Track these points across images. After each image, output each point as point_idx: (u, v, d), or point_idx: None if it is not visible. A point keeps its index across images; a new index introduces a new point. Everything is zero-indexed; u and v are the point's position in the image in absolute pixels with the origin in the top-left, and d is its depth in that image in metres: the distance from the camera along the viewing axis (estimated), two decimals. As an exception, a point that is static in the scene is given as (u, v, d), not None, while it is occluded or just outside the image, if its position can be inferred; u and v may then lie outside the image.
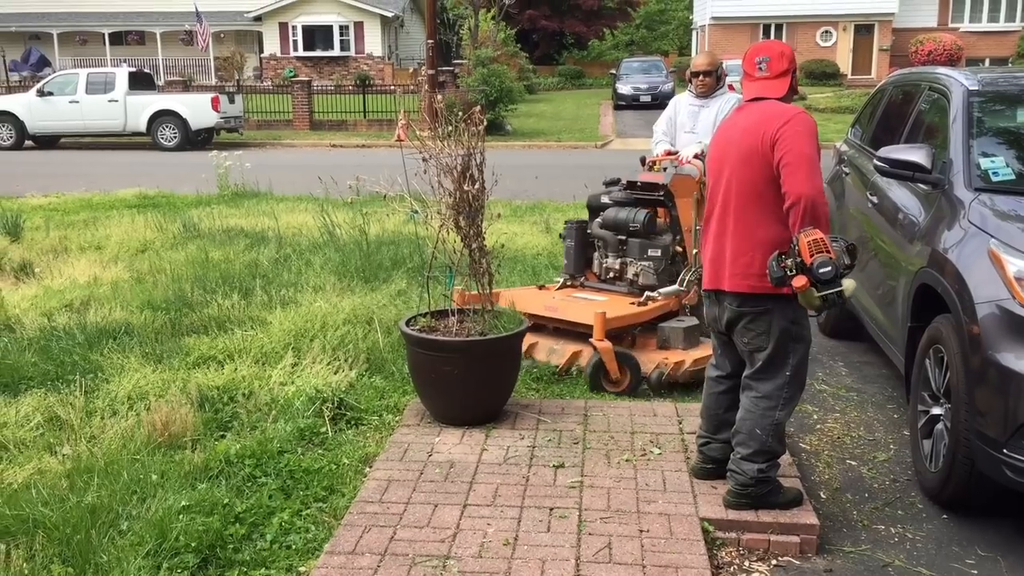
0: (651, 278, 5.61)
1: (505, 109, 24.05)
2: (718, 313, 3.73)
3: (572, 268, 5.98)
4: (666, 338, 5.37)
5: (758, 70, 3.64)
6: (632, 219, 5.65)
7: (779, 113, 3.49)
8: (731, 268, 3.56)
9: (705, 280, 3.76)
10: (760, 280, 3.48)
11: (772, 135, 3.43)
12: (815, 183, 3.36)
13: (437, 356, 4.49)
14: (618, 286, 5.73)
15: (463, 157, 4.63)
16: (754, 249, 3.49)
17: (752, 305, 3.56)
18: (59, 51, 39.55)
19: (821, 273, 3.20)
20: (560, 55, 46.87)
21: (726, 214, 3.61)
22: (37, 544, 3.27)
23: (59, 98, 21.96)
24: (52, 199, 12.74)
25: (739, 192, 3.55)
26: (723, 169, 3.63)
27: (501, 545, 3.38)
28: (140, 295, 6.89)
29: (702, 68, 6.02)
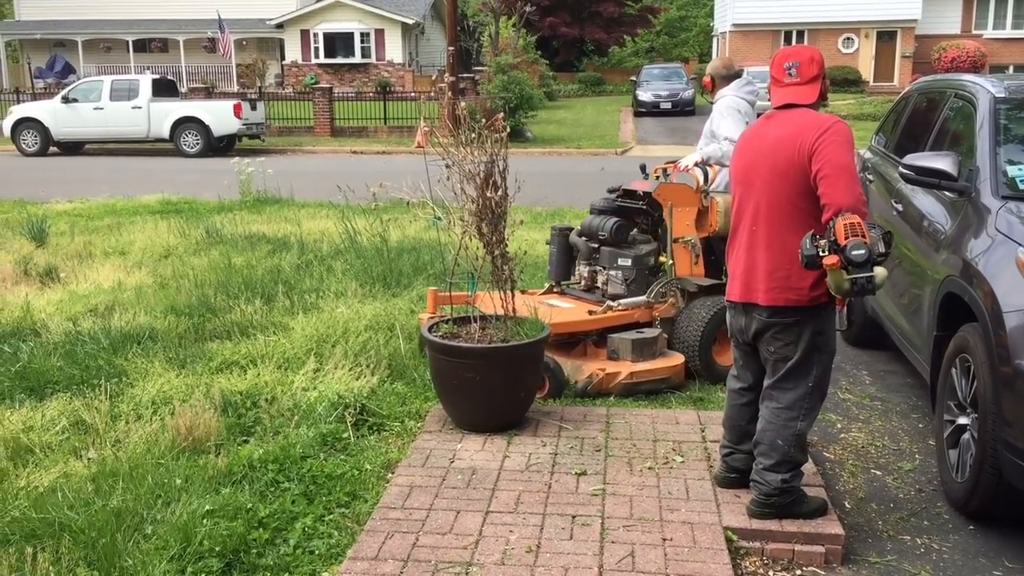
0: (619, 288, 5.52)
1: (525, 116, 24.07)
2: (745, 324, 3.67)
3: (555, 274, 5.98)
4: (614, 349, 5.28)
5: (787, 75, 3.55)
6: (601, 227, 5.60)
7: (815, 123, 3.42)
8: (767, 282, 3.50)
9: (734, 292, 3.68)
10: (796, 293, 3.45)
11: (810, 146, 3.36)
12: (856, 192, 3.31)
13: (459, 362, 4.49)
14: (594, 294, 5.69)
15: (486, 164, 4.64)
16: (791, 263, 3.41)
17: (784, 316, 3.51)
18: (83, 58, 39.96)
19: (854, 255, 3.13)
20: (580, 62, 46.89)
21: (757, 226, 3.54)
22: (63, 547, 3.30)
23: (83, 105, 22.17)
24: (77, 204, 12.85)
25: (773, 204, 3.48)
26: (753, 180, 3.55)
27: (524, 552, 3.37)
28: (164, 300, 6.94)
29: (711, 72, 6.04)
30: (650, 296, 5.48)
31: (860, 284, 3.18)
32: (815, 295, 3.45)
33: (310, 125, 26.64)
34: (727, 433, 3.91)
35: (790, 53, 3.60)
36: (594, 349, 5.42)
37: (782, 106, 3.56)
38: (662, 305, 5.49)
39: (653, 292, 5.48)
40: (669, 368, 5.21)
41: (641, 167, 6.10)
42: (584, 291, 5.78)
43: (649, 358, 5.23)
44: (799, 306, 3.47)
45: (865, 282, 3.17)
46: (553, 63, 43.12)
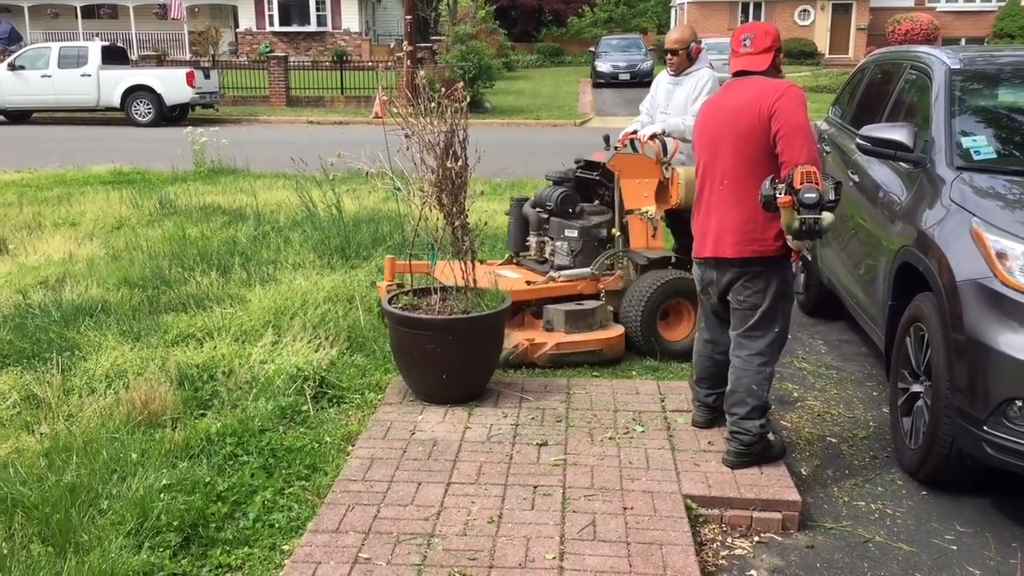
0: (564, 259, 5.48)
1: (484, 86, 23.92)
2: (716, 278, 3.93)
3: (512, 245, 5.97)
4: (548, 319, 5.26)
5: (743, 46, 3.87)
6: (548, 198, 5.58)
7: (772, 87, 3.72)
8: (735, 236, 3.78)
9: (705, 249, 3.92)
10: (761, 244, 3.75)
11: (769, 109, 3.65)
12: (811, 149, 3.62)
13: (419, 334, 4.47)
14: (543, 265, 5.66)
15: (446, 134, 4.60)
16: (756, 217, 3.71)
17: (752, 266, 3.80)
18: (30, 24, 38.88)
19: (806, 198, 3.45)
20: (539, 32, 46.66)
21: (724, 186, 3.81)
22: (15, 523, 3.24)
23: (31, 72, 21.59)
24: (25, 175, 12.55)
25: (738, 164, 3.76)
26: (718, 145, 3.82)
27: (486, 523, 3.37)
28: (116, 272, 6.81)
29: (670, 46, 5.81)
30: (595, 268, 5.42)
31: (808, 224, 3.47)
32: (778, 245, 3.74)
33: (265, 95, 26.23)
34: (706, 383, 4.19)
35: (747, 27, 3.96)
36: (532, 319, 5.40)
37: (736, 73, 3.89)
38: (608, 277, 5.45)
39: (598, 264, 5.43)
40: (601, 340, 5.15)
41: (605, 138, 6.02)
42: (538, 262, 5.74)
43: (585, 330, 5.17)
44: (764, 256, 3.78)
45: (812, 223, 3.47)
46: (511, 33, 42.82)
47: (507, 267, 5.83)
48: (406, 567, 3.08)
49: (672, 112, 5.86)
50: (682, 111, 5.79)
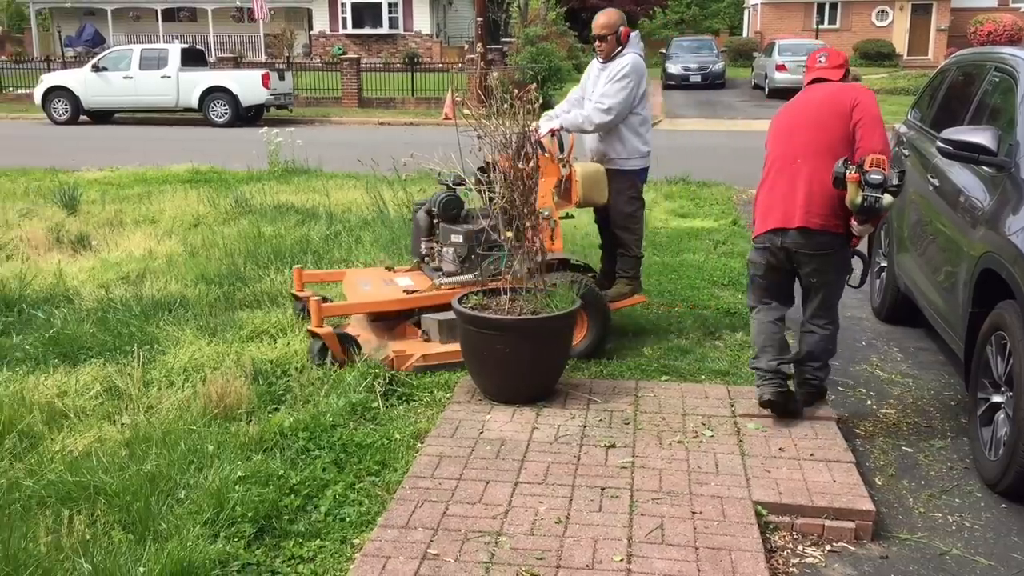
0: (451, 265, 5.29)
1: (553, 88, 23.92)
2: (781, 248, 4.29)
3: (414, 251, 5.79)
4: (425, 330, 5.13)
5: (818, 62, 4.46)
6: (434, 201, 5.41)
7: (851, 86, 4.32)
8: (804, 209, 4.17)
9: (773, 220, 4.27)
10: (829, 220, 4.16)
11: (851, 101, 4.18)
12: (886, 141, 4.14)
13: (488, 334, 4.50)
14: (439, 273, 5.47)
15: (517, 135, 4.62)
16: (825, 193, 4.12)
17: (820, 244, 4.21)
18: (113, 27, 40.07)
19: (871, 178, 3.92)
20: (609, 34, 46.42)
21: (795, 166, 4.24)
22: (98, 510, 3.34)
23: (113, 74, 22.25)
24: (107, 173, 12.94)
25: (815, 149, 4.19)
26: (793, 131, 4.32)
27: (553, 523, 3.38)
28: (194, 269, 6.99)
29: (597, 32, 5.53)
30: (479, 274, 5.16)
31: (869, 202, 3.93)
32: (841, 223, 4.19)
33: (338, 96, 26.62)
34: (771, 350, 4.43)
35: (821, 49, 4.56)
36: (413, 329, 5.26)
37: (812, 81, 4.41)
38: (496, 282, 5.02)
39: (483, 269, 5.15)
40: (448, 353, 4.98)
41: None
42: (435, 269, 5.48)
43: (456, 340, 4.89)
44: (828, 231, 4.19)
45: (874, 201, 3.92)
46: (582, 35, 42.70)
47: (408, 273, 5.65)
48: (474, 564, 3.11)
49: (593, 99, 5.51)
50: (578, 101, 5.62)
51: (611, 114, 5.34)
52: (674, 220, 9.59)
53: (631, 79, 5.39)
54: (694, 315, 6.11)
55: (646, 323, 5.90)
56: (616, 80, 5.36)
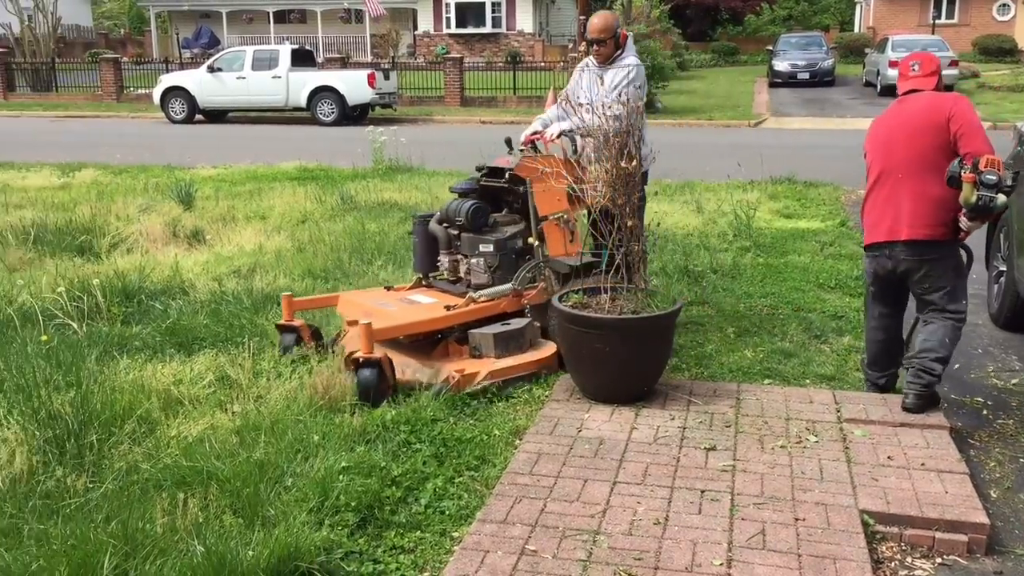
0: (482, 276, 5.04)
1: (656, 86, 23.70)
2: (891, 265, 4.39)
3: (420, 266, 5.45)
4: (476, 345, 4.81)
5: (911, 71, 4.49)
6: (458, 211, 5.09)
7: (945, 97, 4.34)
8: (910, 219, 4.27)
9: (879, 234, 4.38)
10: (935, 229, 4.24)
11: (947, 113, 4.22)
12: (989, 143, 4.16)
13: (588, 333, 4.49)
14: (461, 286, 5.20)
15: (621, 133, 4.60)
16: (929, 204, 4.23)
17: (930, 252, 4.29)
18: (227, 29, 41.47)
19: (986, 178, 3.97)
20: (714, 31, 45.79)
21: (898, 179, 4.32)
22: (210, 494, 3.47)
23: (227, 74, 23.03)
24: (220, 170, 13.41)
25: (911, 161, 4.28)
26: (892, 146, 4.37)
27: (651, 524, 3.36)
28: (301, 263, 7.19)
29: (595, 35, 5.36)
30: (516, 283, 4.99)
31: (984, 201, 3.98)
32: (948, 230, 4.26)
33: (440, 95, 26.96)
34: (879, 365, 4.63)
35: (913, 56, 4.60)
36: (457, 347, 4.94)
37: (907, 92, 4.46)
38: (531, 291, 5.02)
39: (519, 278, 5.00)
40: (535, 362, 4.81)
41: (506, 141, 5.45)
42: (451, 283, 5.27)
43: (516, 352, 4.79)
44: (935, 239, 4.26)
45: (988, 200, 3.97)
46: (686, 32, 42.21)
47: (417, 291, 5.32)
48: (572, 562, 3.11)
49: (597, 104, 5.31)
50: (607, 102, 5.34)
51: (619, 121, 5.15)
52: (779, 220, 9.40)
53: (639, 84, 5.31)
54: (799, 318, 5.97)
55: (749, 325, 5.80)
56: (624, 86, 5.24)
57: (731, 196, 10.18)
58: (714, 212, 9.55)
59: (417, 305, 5.02)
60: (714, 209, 9.67)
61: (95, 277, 6.23)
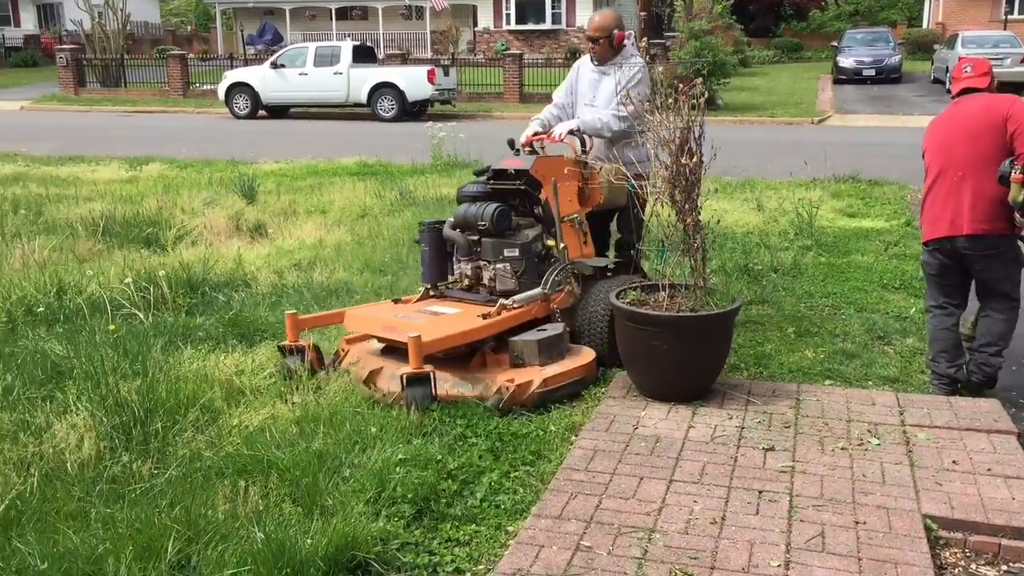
0: (509, 283, 4.86)
1: (717, 83, 23.43)
2: (952, 255, 4.56)
3: (430, 276, 5.18)
4: (518, 353, 4.58)
5: (964, 73, 4.67)
6: (481, 215, 4.86)
7: (1002, 98, 4.50)
8: (971, 218, 4.43)
9: (938, 230, 4.54)
10: (994, 224, 4.41)
11: (1004, 113, 4.39)
12: None
13: (646, 330, 4.47)
14: (479, 294, 5.01)
15: (682, 130, 4.56)
16: (988, 201, 4.39)
17: (989, 246, 4.46)
18: (290, 26, 42.01)
19: None
20: (777, 27, 45.12)
21: (958, 178, 4.47)
22: (271, 483, 3.53)
23: (290, 70, 23.33)
24: (282, 165, 13.61)
25: (974, 162, 4.43)
26: (953, 146, 4.53)
27: (708, 523, 3.33)
28: (360, 257, 7.27)
29: (592, 33, 5.31)
30: (547, 287, 4.84)
31: None
32: (1006, 225, 4.43)
33: (499, 91, 26.98)
34: (947, 355, 4.69)
35: (964, 60, 4.78)
36: (494, 357, 4.69)
37: (961, 92, 4.64)
38: (559, 295, 4.89)
39: (549, 282, 4.84)
40: (583, 367, 4.66)
41: (509, 142, 5.40)
42: (465, 290, 5.09)
43: (557, 358, 4.63)
44: (993, 234, 4.43)
45: None
46: (748, 28, 41.66)
47: (430, 302, 5.04)
48: (627, 559, 3.10)
49: (600, 104, 5.36)
50: (608, 103, 5.31)
51: (626, 122, 5.19)
52: (841, 219, 9.24)
53: (645, 85, 5.25)
54: (862, 318, 5.87)
55: (809, 325, 5.71)
56: (632, 86, 5.18)
57: (793, 194, 10.03)
58: (775, 210, 9.42)
59: (448, 316, 4.73)
60: (775, 207, 9.54)
61: (161, 268, 6.37)
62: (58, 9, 45.85)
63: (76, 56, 30.20)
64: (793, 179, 11.03)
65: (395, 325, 4.58)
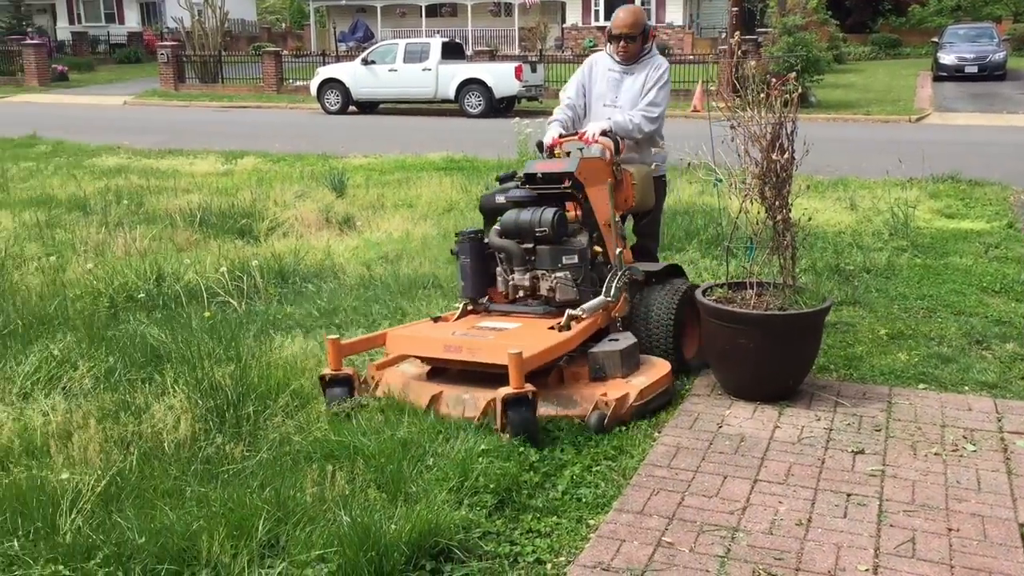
0: (570, 292, 4.57)
1: (810, 79, 22.93)
2: None
3: (472, 290, 4.79)
4: (600, 366, 4.30)
5: None
6: (539, 222, 4.53)
7: None
8: None
9: None
10: None
11: None
12: None
13: (732, 328, 4.41)
14: (531, 306, 4.68)
15: (773, 126, 4.49)
16: None
17: None
18: (381, 23, 42.65)
19: None
20: (875, 22, 43.88)
21: None
22: (357, 469, 3.60)
23: (380, 67, 23.70)
24: (371, 159, 13.84)
25: None
26: None
27: (793, 524, 3.28)
28: (446, 251, 7.32)
29: (624, 31, 5.06)
30: (609, 295, 4.59)
31: None
32: None
33: (587, 88, 26.86)
34: None
35: None
36: (571, 371, 4.41)
37: None
38: (617, 303, 4.64)
39: (611, 289, 4.60)
40: (666, 377, 4.42)
41: (538, 145, 5.15)
42: (512, 304, 4.75)
43: (635, 369, 4.38)
44: None
45: None
46: (844, 24, 40.62)
47: (478, 317, 4.68)
48: (709, 557, 3.07)
49: (623, 105, 5.12)
50: (633, 104, 5.09)
51: (657, 123, 5.10)
52: (939, 220, 8.95)
53: (669, 84, 5.16)
54: (959, 322, 5.68)
55: (903, 327, 5.56)
56: (661, 87, 5.07)
57: (888, 194, 9.76)
58: (869, 210, 9.18)
59: (517, 331, 4.37)
60: (869, 207, 9.30)
61: (254, 259, 6.55)
62: (160, 7, 47.47)
63: (176, 52, 31.23)
64: (888, 178, 10.72)
65: (462, 344, 4.19)
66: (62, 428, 3.95)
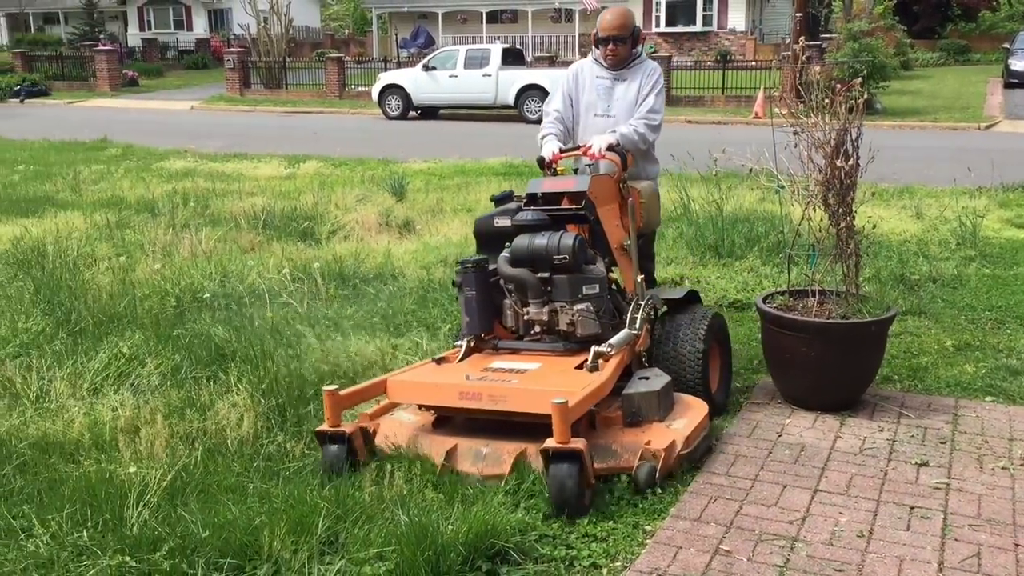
0: (592, 326, 4.02)
1: (875, 86, 22.54)
2: None
3: (478, 326, 4.17)
4: (635, 409, 3.76)
5: None
6: (557, 248, 3.97)
7: None
8: None
9: None
10: None
11: None
12: None
13: (793, 336, 4.36)
14: (545, 342, 4.13)
15: (838, 132, 4.43)
16: None
17: None
18: (442, 29, 42.96)
19: None
20: (943, 28, 42.97)
21: None
22: (415, 469, 3.63)
23: (441, 72, 23.88)
24: (431, 164, 13.95)
25: None
26: None
27: (854, 536, 3.23)
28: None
29: (612, 33, 4.66)
30: (635, 327, 4.13)
31: None
32: None
33: (646, 94, 26.75)
34: None
35: None
36: (603, 416, 3.83)
37: None
38: (639, 336, 4.16)
39: (638, 321, 4.16)
40: (707, 419, 3.93)
41: (538, 161, 4.70)
42: (522, 340, 4.21)
43: (670, 409, 3.88)
44: None
45: None
46: (911, 29, 39.86)
47: (487, 358, 4.08)
48: (768, 567, 3.04)
49: (618, 114, 4.74)
50: (628, 113, 4.72)
51: (659, 132, 4.77)
52: (1009, 230, 8.72)
53: (663, 89, 4.83)
54: (1028, 334, 5.54)
55: (970, 338, 5.43)
56: (658, 93, 4.75)
57: (955, 202, 9.55)
58: (935, 219, 8.98)
59: (539, 372, 3.83)
60: (935, 216, 9.10)
61: (315, 261, 6.66)
62: (227, 14, 48.47)
63: (242, 59, 31.86)
64: (956, 187, 10.49)
65: (481, 391, 3.63)
66: (130, 423, 4.06)
